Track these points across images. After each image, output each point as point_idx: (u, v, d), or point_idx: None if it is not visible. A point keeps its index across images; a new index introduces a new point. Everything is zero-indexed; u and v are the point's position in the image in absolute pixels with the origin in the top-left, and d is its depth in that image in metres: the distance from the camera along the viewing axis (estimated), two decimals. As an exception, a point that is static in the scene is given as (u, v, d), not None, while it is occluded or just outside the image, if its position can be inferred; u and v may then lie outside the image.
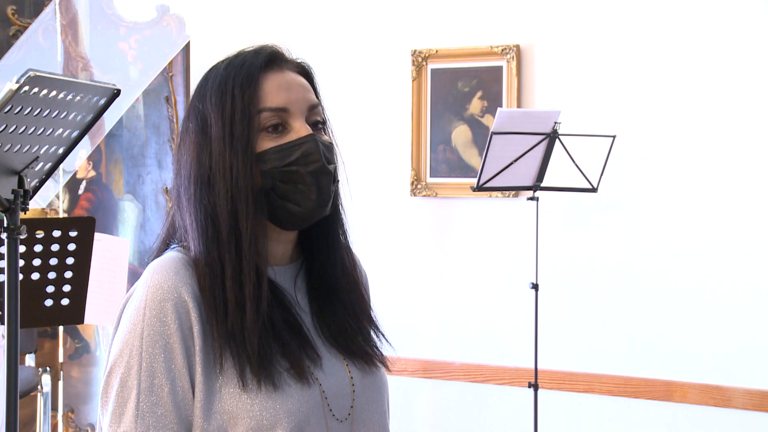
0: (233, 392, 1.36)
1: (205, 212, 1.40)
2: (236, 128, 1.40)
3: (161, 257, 1.44)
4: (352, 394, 1.47)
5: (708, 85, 3.69)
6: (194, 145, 1.43)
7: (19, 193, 1.57)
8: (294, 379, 1.39)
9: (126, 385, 1.36)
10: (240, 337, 1.37)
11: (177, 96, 4.30)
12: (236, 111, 1.40)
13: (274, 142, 1.41)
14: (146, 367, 1.36)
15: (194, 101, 1.46)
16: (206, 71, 1.48)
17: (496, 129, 3.37)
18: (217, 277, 1.39)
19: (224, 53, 1.49)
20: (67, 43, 4.03)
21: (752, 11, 3.63)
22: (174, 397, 1.35)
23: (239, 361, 1.37)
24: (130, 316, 1.39)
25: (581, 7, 3.87)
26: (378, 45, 4.18)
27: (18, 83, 1.43)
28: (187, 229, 1.44)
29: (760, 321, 3.62)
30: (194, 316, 1.37)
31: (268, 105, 1.41)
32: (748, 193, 3.64)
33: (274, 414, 1.36)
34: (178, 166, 1.47)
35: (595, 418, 3.88)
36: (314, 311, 1.50)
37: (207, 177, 1.41)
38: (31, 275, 2.44)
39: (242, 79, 1.41)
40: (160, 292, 1.37)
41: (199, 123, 1.43)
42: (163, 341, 1.36)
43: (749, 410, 3.62)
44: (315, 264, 1.52)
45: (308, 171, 1.41)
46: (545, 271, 3.68)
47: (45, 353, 4.21)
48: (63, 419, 4.29)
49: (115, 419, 1.36)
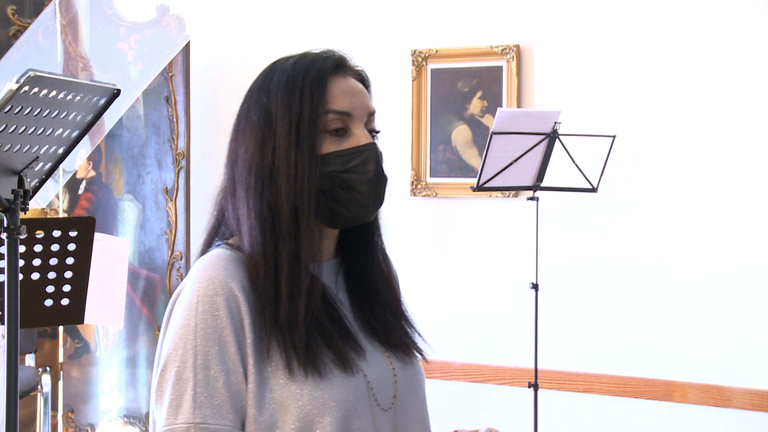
0: (281, 382, 1.40)
1: (266, 205, 1.44)
2: (303, 127, 1.44)
3: (208, 254, 1.48)
4: (395, 385, 1.52)
5: (708, 85, 3.69)
6: (256, 138, 1.46)
7: (19, 193, 1.57)
8: (339, 368, 1.43)
9: (182, 378, 1.39)
10: (288, 330, 1.41)
11: (177, 96, 4.30)
12: (304, 110, 1.44)
13: (335, 145, 1.46)
14: (201, 360, 1.39)
15: (257, 94, 1.49)
16: (269, 66, 1.52)
17: (496, 129, 3.37)
18: (272, 270, 1.43)
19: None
20: (67, 43, 4.03)
21: (752, 11, 3.63)
22: (229, 388, 1.39)
23: (286, 352, 1.41)
24: (182, 311, 1.43)
25: (581, 7, 3.87)
26: (378, 45, 4.18)
27: (18, 83, 1.43)
28: (241, 220, 1.47)
29: (760, 321, 3.62)
30: (244, 309, 1.41)
31: (334, 107, 1.46)
32: (748, 193, 3.64)
33: (323, 403, 1.40)
34: (234, 156, 1.49)
35: (595, 418, 3.88)
36: (354, 306, 1.55)
37: (269, 171, 1.44)
38: (31, 275, 2.44)
39: (312, 79, 1.45)
40: (212, 287, 1.41)
41: (263, 117, 1.46)
42: (216, 334, 1.40)
43: (749, 410, 3.62)
44: (353, 262, 1.57)
45: (366, 179, 1.46)
46: (545, 271, 3.68)
47: (45, 353, 4.21)
48: (63, 419, 4.29)
49: (172, 411, 1.39)
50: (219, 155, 4.80)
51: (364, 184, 1.46)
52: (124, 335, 4.36)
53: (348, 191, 1.46)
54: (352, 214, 1.47)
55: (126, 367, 4.38)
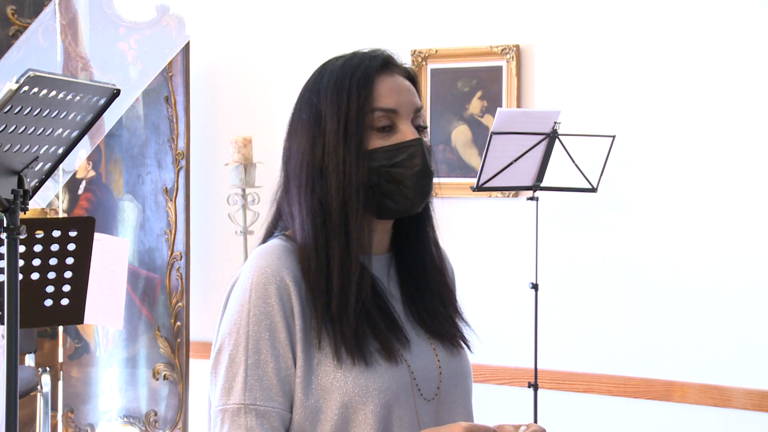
0: (328, 369, 1.47)
1: (317, 201, 1.51)
2: (351, 125, 1.51)
3: (265, 244, 1.56)
4: (439, 377, 1.57)
5: (708, 85, 3.69)
6: (307, 137, 1.53)
7: (19, 193, 1.57)
8: (384, 358, 1.50)
9: (234, 361, 1.47)
10: (339, 319, 1.48)
11: (177, 96, 4.30)
12: (351, 108, 1.51)
13: (382, 141, 1.53)
14: (253, 345, 1.47)
15: (308, 94, 1.56)
16: (319, 67, 1.59)
17: (495, 129, 3.37)
18: (323, 263, 1.50)
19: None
20: (67, 43, 4.03)
21: (752, 11, 3.63)
22: (278, 372, 1.47)
23: (335, 340, 1.48)
24: (237, 297, 1.51)
25: (581, 7, 3.87)
26: (378, 45, 4.17)
27: (18, 83, 1.43)
28: (294, 215, 1.55)
29: (760, 321, 3.62)
30: (295, 298, 1.48)
31: (380, 105, 1.53)
32: (748, 193, 3.64)
33: (366, 390, 1.47)
34: (287, 155, 1.57)
35: (595, 418, 3.89)
36: (405, 299, 1.61)
37: (320, 168, 1.51)
38: (31, 275, 2.43)
39: (359, 78, 1.53)
40: (264, 276, 1.49)
41: (313, 116, 1.53)
42: (267, 321, 1.47)
43: (749, 410, 3.62)
44: (405, 254, 1.63)
45: (412, 173, 1.52)
46: (545, 271, 3.68)
47: (45, 353, 4.21)
48: (63, 419, 4.29)
49: (225, 393, 1.47)
50: (219, 155, 4.81)
51: (410, 177, 1.52)
52: (124, 335, 4.36)
53: (394, 185, 1.52)
54: (399, 206, 1.53)
55: (126, 367, 4.38)
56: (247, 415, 1.45)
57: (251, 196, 4.22)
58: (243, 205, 4.21)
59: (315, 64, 1.61)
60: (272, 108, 4.38)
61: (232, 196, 4.23)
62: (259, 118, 4.40)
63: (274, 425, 1.45)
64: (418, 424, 1.52)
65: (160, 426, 4.36)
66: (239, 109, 4.47)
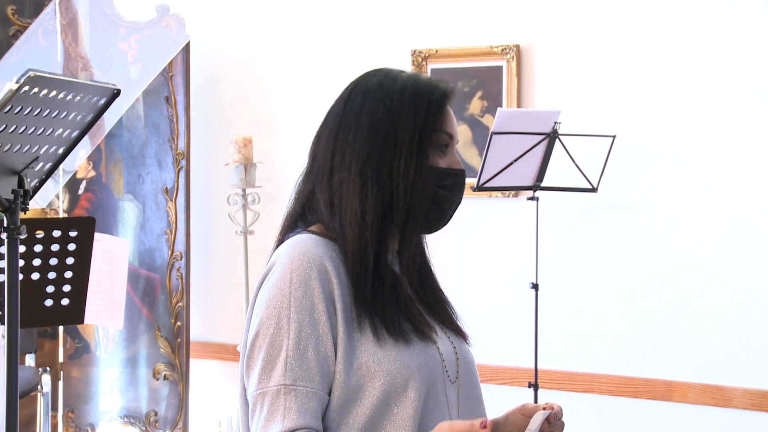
0: (370, 350, 1.52)
1: (378, 201, 1.57)
2: (424, 138, 1.60)
3: (297, 236, 1.59)
4: (457, 361, 1.64)
5: (708, 85, 3.69)
6: (376, 138, 1.58)
7: (19, 193, 1.57)
8: (419, 338, 1.57)
9: (275, 344, 1.51)
10: (378, 305, 1.55)
11: (177, 96, 4.30)
12: (428, 124, 1.60)
13: (438, 160, 1.62)
14: (294, 327, 1.50)
15: (378, 95, 1.61)
16: (377, 72, 1.66)
17: (496, 129, 3.37)
18: (368, 255, 1.56)
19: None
20: (67, 43, 4.03)
21: (752, 11, 3.63)
22: (318, 354, 1.50)
23: (374, 323, 1.54)
24: (275, 281, 1.54)
25: (581, 7, 3.87)
26: (378, 45, 4.18)
27: (18, 83, 1.43)
28: (341, 207, 1.58)
29: (760, 321, 3.62)
30: (335, 282, 1.53)
31: (447, 129, 1.64)
32: (748, 193, 3.64)
33: (407, 367, 1.53)
34: (337, 147, 1.60)
35: (595, 418, 3.88)
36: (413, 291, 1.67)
37: (388, 170, 1.58)
38: (31, 275, 2.44)
39: (437, 98, 1.63)
40: (306, 261, 1.53)
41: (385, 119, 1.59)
42: (308, 303, 1.51)
43: (749, 410, 3.62)
44: None
45: (452, 198, 1.63)
46: (545, 271, 3.68)
47: (45, 353, 4.21)
48: (63, 419, 4.29)
49: (265, 375, 1.50)
50: (219, 155, 4.81)
51: (449, 203, 1.63)
52: (124, 335, 4.36)
53: (436, 205, 1.62)
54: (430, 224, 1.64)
55: (126, 367, 4.38)
56: (287, 395, 1.47)
57: (251, 196, 4.22)
58: (243, 205, 4.21)
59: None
60: (272, 108, 4.38)
61: (232, 196, 4.23)
62: (260, 118, 4.40)
63: (312, 405, 1.48)
64: (447, 404, 1.59)
65: (161, 426, 4.36)
66: (239, 109, 4.47)
